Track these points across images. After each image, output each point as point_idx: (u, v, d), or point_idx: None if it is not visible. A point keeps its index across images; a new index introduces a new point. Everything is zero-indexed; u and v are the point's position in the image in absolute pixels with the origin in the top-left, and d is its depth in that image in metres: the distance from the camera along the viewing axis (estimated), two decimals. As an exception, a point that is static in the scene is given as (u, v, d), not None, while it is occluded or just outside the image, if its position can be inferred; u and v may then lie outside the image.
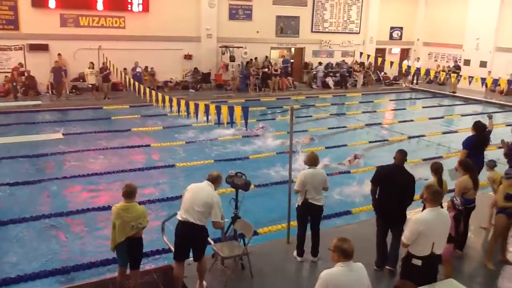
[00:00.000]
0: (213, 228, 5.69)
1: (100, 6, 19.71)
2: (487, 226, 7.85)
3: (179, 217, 5.61)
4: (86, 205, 8.81)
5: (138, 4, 20.47)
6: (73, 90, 19.42)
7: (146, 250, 6.17)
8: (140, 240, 5.49)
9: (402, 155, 6.41)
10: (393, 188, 6.20)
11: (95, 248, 7.32)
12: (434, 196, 4.89)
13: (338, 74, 25.00)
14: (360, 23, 26.97)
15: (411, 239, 4.84)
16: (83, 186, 9.95)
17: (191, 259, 5.86)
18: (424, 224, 4.78)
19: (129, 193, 5.39)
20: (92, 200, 9.19)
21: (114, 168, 10.96)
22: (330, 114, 18.32)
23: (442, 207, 6.11)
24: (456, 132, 15.83)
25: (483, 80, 18.29)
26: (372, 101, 21.89)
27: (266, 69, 22.53)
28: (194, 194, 5.58)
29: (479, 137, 8.39)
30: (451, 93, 23.85)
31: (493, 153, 10.34)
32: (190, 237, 5.51)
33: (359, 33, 27.07)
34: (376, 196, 6.45)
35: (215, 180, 5.73)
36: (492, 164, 7.66)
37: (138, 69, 19.50)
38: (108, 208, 6.97)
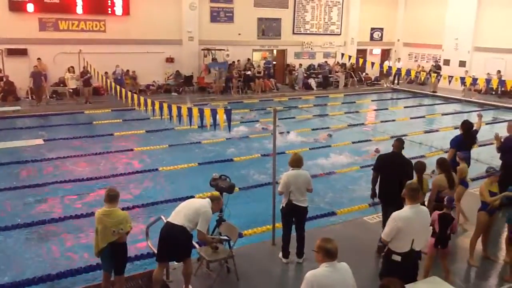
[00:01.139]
0: (198, 239, 5.71)
1: (79, 9, 19.49)
2: (462, 220, 8.04)
3: (167, 219, 5.67)
4: (69, 212, 8.68)
5: (119, 7, 20.31)
6: (54, 95, 19.16)
7: (130, 255, 6.12)
8: (124, 245, 5.45)
9: (399, 143, 7.15)
10: (392, 173, 6.77)
11: (78, 255, 7.23)
12: (412, 193, 4.98)
13: (320, 76, 25.17)
14: (341, 25, 27.17)
15: (390, 236, 4.90)
16: (65, 192, 9.80)
17: (176, 263, 5.84)
18: (402, 220, 4.84)
19: (111, 197, 5.35)
20: (75, 206, 9.07)
21: (96, 173, 10.84)
22: (313, 115, 18.41)
23: (424, 204, 6.23)
24: (437, 131, 16.07)
25: (463, 79, 18.60)
26: (355, 102, 22.06)
27: (249, 72, 22.56)
28: (189, 202, 5.77)
29: (467, 136, 8.52)
30: (432, 93, 24.19)
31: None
32: (172, 237, 5.48)
33: (340, 34, 27.28)
34: (378, 183, 7.03)
35: (214, 199, 5.81)
36: (463, 156, 7.74)
37: (119, 72, 19.37)
38: (92, 214, 6.89)
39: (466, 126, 8.59)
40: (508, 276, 6.42)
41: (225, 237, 6.11)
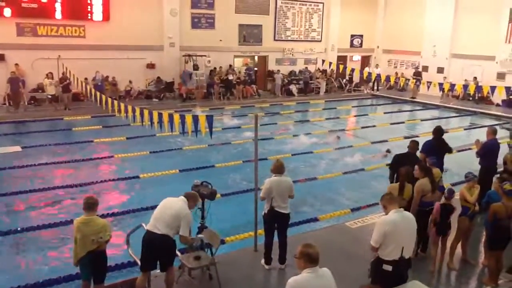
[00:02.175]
0: (180, 242, 5.65)
1: (58, 15, 19.24)
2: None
3: (147, 227, 5.60)
4: (48, 220, 8.51)
5: (98, 13, 20.13)
6: (32, 101, 18.83)
7: (110, 263, 6.02)
8: (103, 254, 5.37)
9: (414, 144, 7.82)
10: None
11: (57, 264, 7.10)
12: (387, 197, 5.04)
13: (301, 82, 25.33)
14: (322, 31, 27.41)
15: (379, 242, 4.88)
16: (44, 200, 9.62)
17: (158, 271, 5.77)
18: (389, 224, 4.84)
19: (89, 206, 5.28)
20: (54, 214, 8.90)
21: (76, 181, 10.66)
22: (295, 121, 18.47)
23: (406, 209, 6.27)
24: (417, 136, 16.23)
25: (441, 85, 18.94)
26: (335, 108, 22.21)
27: (230, 76, 22.56)
28: (165, 206, 5.64)
29: (437, 141, 8.61)
30: (411, 99, 24.53)
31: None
32: (155, 247, 5.44)
33: (320, 41, 27.52)
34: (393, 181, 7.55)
35: (190, 197, 5.73)
36: (432, 162, 7.84)
37: (98, 78, 19.18)
38: (71, 222, 6.78)
39: (437, 131, 8.69)
40: (487, 278, 6.52)
41: (203, 236, 6.08)
